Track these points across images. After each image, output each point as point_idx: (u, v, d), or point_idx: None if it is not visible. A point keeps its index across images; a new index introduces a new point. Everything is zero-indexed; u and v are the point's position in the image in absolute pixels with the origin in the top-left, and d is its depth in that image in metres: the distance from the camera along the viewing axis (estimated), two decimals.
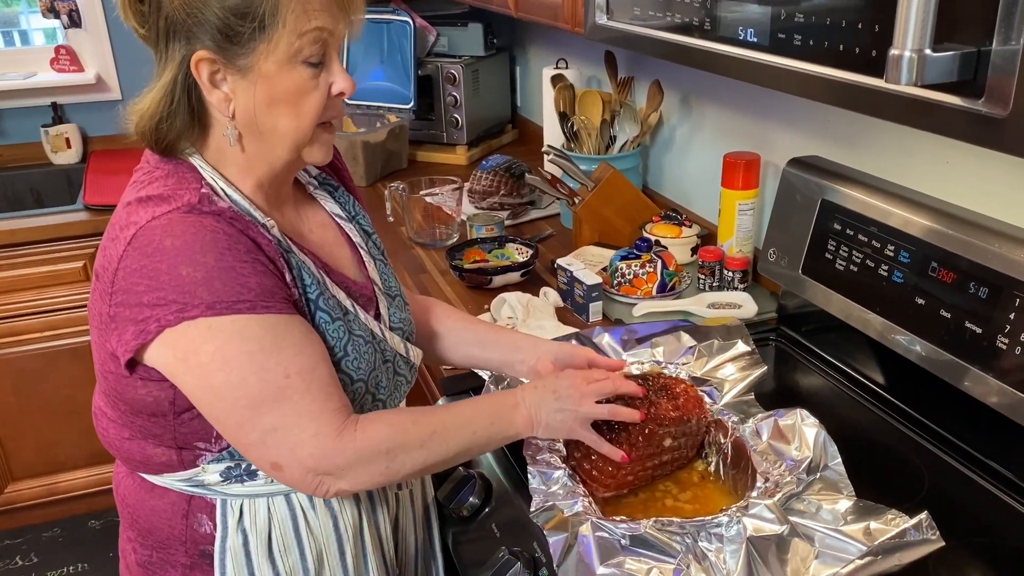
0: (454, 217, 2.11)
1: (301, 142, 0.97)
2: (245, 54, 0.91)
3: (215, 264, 0.87)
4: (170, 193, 0.91)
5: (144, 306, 0.87)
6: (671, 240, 1.83)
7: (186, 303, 0.86)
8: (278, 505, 1.02)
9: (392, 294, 1.15)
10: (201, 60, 0.90)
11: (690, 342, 1.34)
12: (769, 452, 1.09)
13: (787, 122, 1.64)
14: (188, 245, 0.87)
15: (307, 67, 0.93)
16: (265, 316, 0.90)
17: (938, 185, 1.29)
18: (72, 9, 2.90)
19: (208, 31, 0.89)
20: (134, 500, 1.06)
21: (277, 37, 0.90)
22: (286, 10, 0.89)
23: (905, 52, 0.70)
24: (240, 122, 0.95)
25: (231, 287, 0.87)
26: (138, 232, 0.88)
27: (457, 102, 2.76)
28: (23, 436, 2.63)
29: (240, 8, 0.88)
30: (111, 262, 0.91)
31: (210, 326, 0.87)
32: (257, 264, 0.90)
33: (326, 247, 1.09)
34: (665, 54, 1.20)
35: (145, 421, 0.98)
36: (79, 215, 2.52)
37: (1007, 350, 1.08)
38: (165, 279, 0.86)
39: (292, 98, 0.94)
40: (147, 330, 0.88)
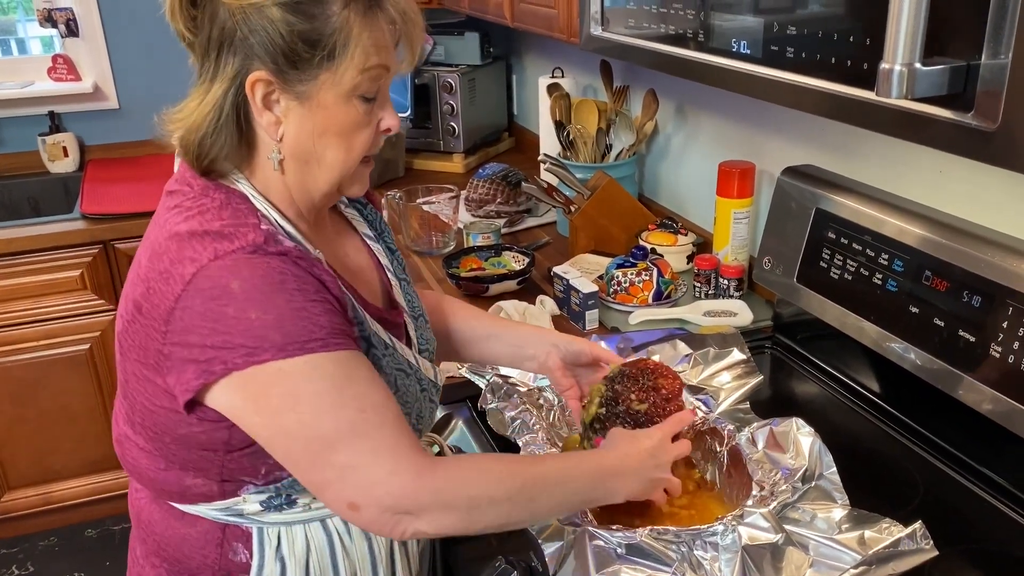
0: (451, 225, 2.11)
1: (345, 175, 0.95)
2: (306, 80, 0.88)
3: (285, 306, 0.84)
4: (231, 230, 0.87)
5: (208, 347, 0.84)
6: (667, 248, 1.84)
7: (255, 347, 0.83)
8: (315, 531, 0.99)
9: (416, 314, 1.13)
10: (258, 81, 0.87)
11: (686, 350, 1.35)
12: (764, 461, 1.09)
13: (782, 131, 1.65)
14: (257, 288, 0.83)
15: (362, 102, 0.91)
16: (337, 353, 0.86)
17: (931, 194, 1.30)
18: (69, 18, 2.91)
19: (269, 51, 0.86)
20: (162, 528, 1.02)
21: (343, 70, 0.88)
22: (356, 45, 0.87)
23: (895, 66, 0.71)
24: (287, 147, 0.92)
25: (303, 327, 0.84)
26: (199, 272, 0.84)
27: (454, 110, 2.77)
28: (19, 445, 2.62)
29: (311, 36, 0.86)
30: (164, 300, 0.86)
31: (280, 368, 0.84)
32: (325, 303, 0.87)
33: (361, 275, 1.07)
34: (659, 65, 1.21)
35: (193, 455, 0.94)
36: (76, 224, 2.53)
37: (1000, 358, 1.08)
38: (232, 323, 0.83)
39: (345, 131, 0.92)
40: (212, 371, 0.84)
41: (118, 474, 2.75)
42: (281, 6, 0.85)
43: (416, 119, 2.81)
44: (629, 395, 1.10)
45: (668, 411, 1.08)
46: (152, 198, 2.64)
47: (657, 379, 1.11)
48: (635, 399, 1.09)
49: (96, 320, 2.58)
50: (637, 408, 1.09)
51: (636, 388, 1.10)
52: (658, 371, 1.12)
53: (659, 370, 1.13)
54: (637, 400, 1.09)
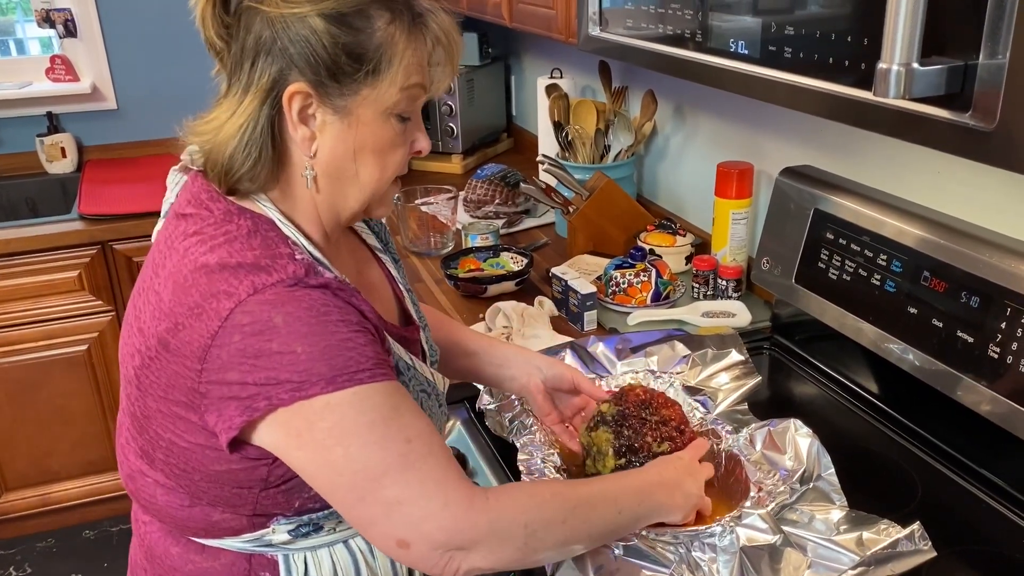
0: (449, 226, 2.11)
1: (377, 195, 0.93)
2: (346, 95, 0.85)
3: (331, 338, 0.81)
4: (268, 262, 0.83)
5: (250, 384, 0.80)
6: (665, 249, 1.84)
7: (302, 381, 0.80)
8: (339, 553, 0.97)
9: (423, 324, 1.12)
10: (297, 93, 0.84)
11: (684, 351, 1.35)
12: (763, 462, 1.09)
13: (780, 132, 1.65)
14: (302, 321, 0.80)
15: (399, 121, 0.90)
16: (383, 384, 0.84)
17: (930, 195, 1.30)
18: (68, 19, 2.91)
19: (311, 63, 0.83)
20: (181, 562, 0.97)
21: (385, 86, 0.86)
22: (399, 61, 0.86)
23: (893, 66, 0.71)
24: (320, 164, 0.89)
25: (350, 359, 0.82)
26: (237, 307, 0.80)
27: (452, 111, 2.77)
28: (16, 446, 2.62)
29: (355, 49, 0.84)
30: (198, 337, 0.82)
31: (328, 402, 0.81)
32: (368, 333, 0.85)
33: (376, 292, 1.05)
34: (658, 66, 1.21)
35: (225, 491, 0.90)
36: (74, 224, 2.52)
37: (998, 359, 1.08)
38: (277, 359, 0.79)
39: (381, 149, 0.90)
40: (255, 407, 0.81)
41: (116, 476, 2.74)
42: (325, 17, 0.82)
43: None
44: (645, 439, 1.07)
45: (686, 441, 1.07)
46: (150, 199, 2.64)
47: (660, 410, 1.09)
48: (653, 441, 1.06)
49: (94, 321, 2.57)
50: (659, 451, 1.06)
51: (648, 429, 1.07)
52: (656, 402, 1.10)
53: (656, 401, 1.11)
54: (655, 442, 1.06)
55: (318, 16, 0.82)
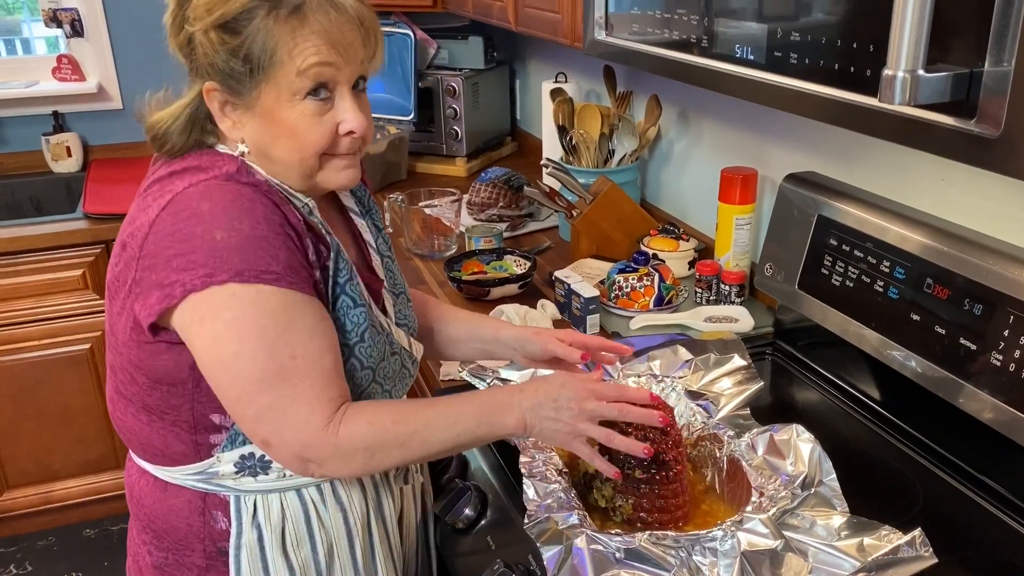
0: (453, 229, 2.11)
1: (307, 171, 0.99)
2: (247, 92, 0.94)
3: (250, 232, 0.89)
4: (207, 164, 0.94)
5: (172, 269, 0.89)
6: (668, 254, 1.84)
7: (216, 267, 0.88)
8: (290, 500, 1.04)
9: (397, 292, 1.17)
10: (211, 90, 0.95)
11: (687, 356, 1.35)
12: (764, 467, 1.09)
13: (784, 138, 1.65)
14: (225, 210, 0.89)
15: (313, 102, 0.95)
16: (287, 291, 0.91)
17: (933, 202, 1.30)
18: (74, 19, 2.91)
19: (213, 72, 0.93)
20: (150, 501, 1.07)
21: (279, 76, 0.92)
22: (283, 50, 0.91)
23: (899, 72, 0.71)
24: (251, 146, 0.98)
25: (262, 257, 0.89)
26: (174, 199, 0.91)
27: (457, 114, 2.77)
28: (19, 444, 2.62)
29: (241, 51, 0.91)
30: (140, 229, 0.92)
31: (234, 293, 0.89)
32: (288, 238, 0.92)
33: (343, 239, 1.10)
34: (663, 70, 1.21)
35: (163, 393, 0.99)
36: (79, 223, 2.53)
37: (1001, 367, 1.08)
38: (198, 243, 0.88)
39: (293, 131, 0.95)
40: (172, 294, 0.89)
41: (117, 474, 2.75)
42: (216, 27, 0.91)
43: (419, 122, 2.81)
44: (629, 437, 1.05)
45: (669, 443, 1.05)
46: None
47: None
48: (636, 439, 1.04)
49: (97, 320, 2.58)
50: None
51: (633, 429, 1.05)
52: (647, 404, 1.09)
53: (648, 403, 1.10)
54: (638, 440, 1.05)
55: (212, 28, 0.91)
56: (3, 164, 2.99)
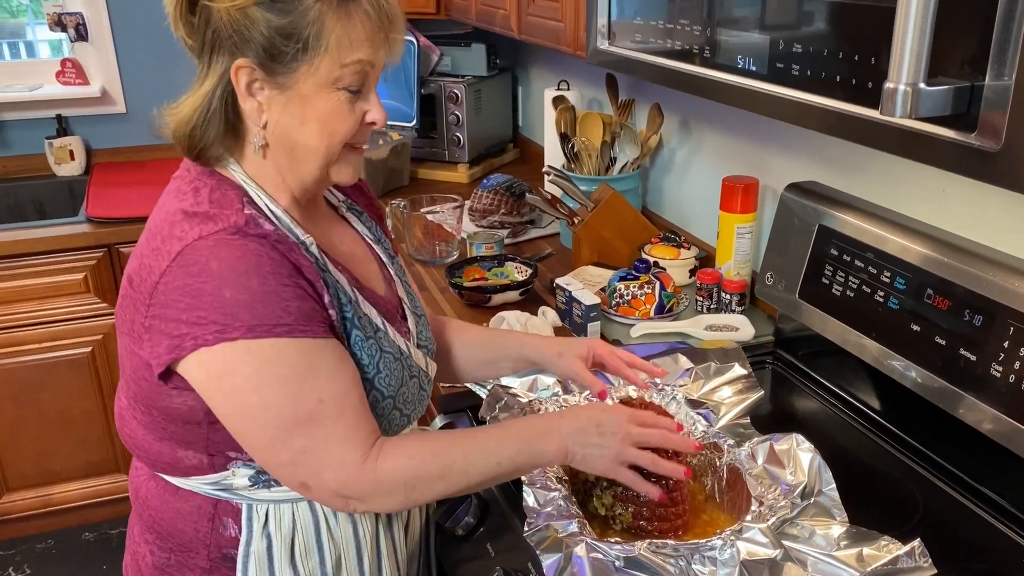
0: (454, 235, 2.12)
1: (329, 160, 1.00)
2: (286, 72, 0.93)
3: (259, 288, 0.89)
4: (216, 212, 0.93)
5: (182, 323, 0.89)
6: (670, 262, 1.84)
7: (227, 324, 0.88)
8: (302, 511, 1.04)
9: (418, 313, 1.18)
10: (241, 68, 0.93)
11: (687, 364, 1.35)
12: (764, 476, 1.09)
13: (785, 147, 1.66)
14: (233, 268, 0.89)
15: (346, 93, 0.96)
16: (302, 340, 0.91)
17: (934, 213, 1.31)
18: (79, 23, 2.93)
19: (252, 47, 0.92)
20: (158, 503, 1.07)
21: (319, 61, 0.93)
22: (330, 36, 0.92)
23: (900, 86, 0.71)
24: (271, 134, 0.98)
25: (272, 311, 0.89)
26: (184, 250, 0.90)
27: (459, 121, 2.78)
28: (19, 447, 2.63)
29: (286, 29, 0.91)
30: (150, 273, 0.92)
31: (248, 348, 0.89)
32: (298, 288, 0.92)
33: (356, 261, 1.11)
34: (665, 80, 1.21)
35: (178, 428, 0.99)
36: (81, 227, 2.53)
37: (1000, 378, 1.09)
38: (208, 300, 0.88)
39: (326, 119, 0.96)
40: (182, 346, 0.89)
41: (117, 477, 2.75)
42: (260, 5, 0.91)
43: (421, 129, 2.82)
44: None
45: (669, 452, 1.05)
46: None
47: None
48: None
49: (98, 323, 2.58)
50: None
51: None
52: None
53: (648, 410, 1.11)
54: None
55: (255, 5, 0.91)
56: (6, 167, 3.00)
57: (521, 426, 1.04)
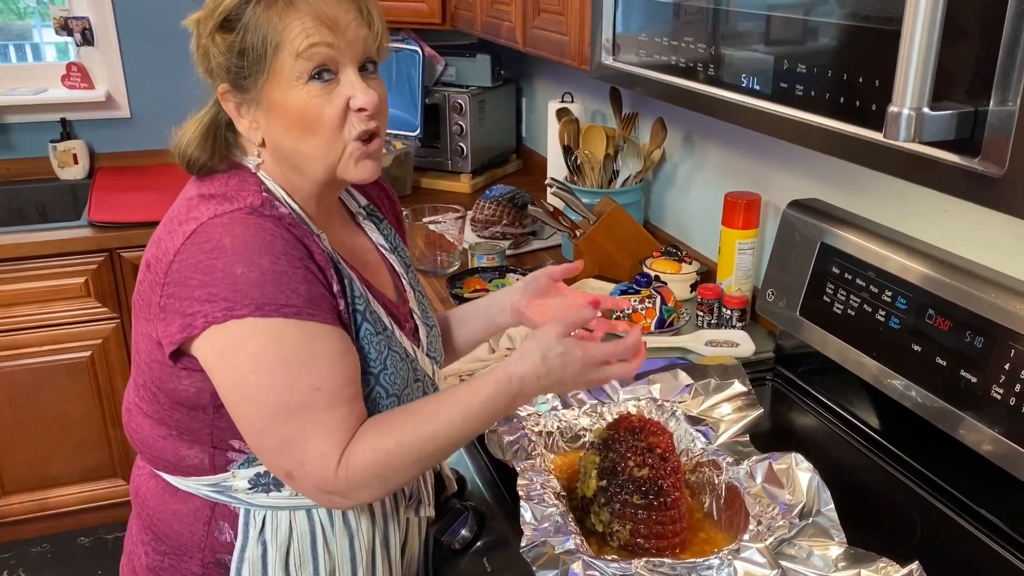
0: (456, 245, 2.12)
1: (330, 161, 0.98)
2: (252, 88, 0.96)
3: (270, 267, 0.89)
4: (233, 193, 0.95)
5: (194, 300, 0.90)
6: (671, 276, 1.84)
7: (236, 301, 0.88)
8: (299, 520, 1.03)
9: (430, 324, 1.18)
10: (224, 92, 0.97)
11: (687, 380, 1.35)
12: (762, 495, 1.09)
13: (788, 164, 1.66)
14: (246, 245, 0.89)
15: (316, 83, 0.94)
16: (308, 323, 0.91)
17: (936, 233, 1.31)
18: (85, 27, 2.93)
19: (221, 72, 0.96)
20: (156, 503, 1.07)
21: (273, 64, 0.94)
22: (277, 37, 0.93)
23: (904, 109, 0.71)
24: (269, 148, 0.99)
25: (281, 291, 0.90)
26: (198, 228, 0.91)
27: (463, 131, 2.79)
28: (16, 450, 2.62)
29: (237, 46, 0.94)
30: (166, 254, 0.93)
31: (255, 326, 0.89)
32: (308, 272, 0.92)
33: (368, 268, 1.11)
34: (668, 96, 1.22)
35: (184, 415, 0.99)
36: (83, 231, 2.54)
37: (1001, 400, 1.08)
38: (219, 276, 0.89)
39: (303, 118, 0.95)
40: (194, 324, 0.90)
41: (113, 482, 2.74)
42: (218, 29, 0.94)
43: (425, 138, 2.82)
44: (627, 463, 1.06)
45: (668, 470, 1.06)
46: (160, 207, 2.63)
47: (648, 438, 1.09)
48: (634, 465, 1.06)
49: (98, 328, 2.58)
50: (639, 475, 1.05)
51: (632, 453, 1.07)
52: (646, 430, 1.11)
53: (647, 428, 1.11)
54: (636, 466, 1.06)
55: (215, 31, 0.94)
56: (10, 170, 3.00)
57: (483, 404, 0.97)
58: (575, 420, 1.28)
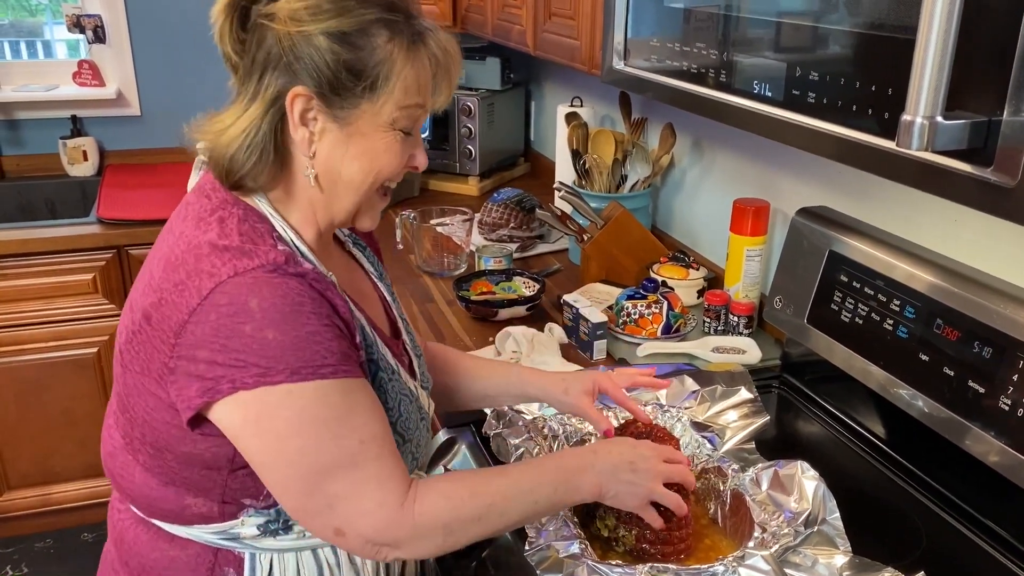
0: (463, 248, 2.12)
1: (366, 198, 0.97)
2: (346, 107, 0.90)
3: (302, 329, 0.85)
4: (251, 248, 0.87)
5: (217, 365, 0.84)
6: (678, 282, 1.84)
7: (269, 367, 0.83)
8: (306, 560, 0.99)
9: (417, 353, 1.16)
10: (298, 96, 0.89)
11: (693, 386, 1.35)
12: (768, 502, 1.09)
13: (797, 172, 1.66)
14: (275, 308, 0.84)
15: (400, 134, 0.94)
16: (344, 380, 0.88)
17: (945, 242, 1.30)
18: (97, 25, 2.95)
19: (314, 77, 0.88)
20: (147, 549, 1.00)
21: (382, 102, 0.91)
22: (397, 79, 0.90)
23: (917, 118, 0.71)
24: (318, 164, 0.94)
25: (317, 352, 0.85)
26: (218, 287, 0.84)
27: (471, 134, 2.79)
28: (21, 445, 2.63)
29: (355, 66, 0.89)
30: (177, 312, 0.86)
31: (290, 391, 0.85)
32: (336, 328, 0.88)
33: (365, 299, 1.08)
34: (679, 102, 1.22)
35: (195, 474, 0.94)
36: (92, 228, 2.54)
37: (1009, 411, 1.08)
38: (248, 341, 0.83)
39: (376, 156, 0.94)
40: (218, 389, 0.84)
41: None
42: (328, 35, 0.88)
43: (434, 140, 2.82)
44: None
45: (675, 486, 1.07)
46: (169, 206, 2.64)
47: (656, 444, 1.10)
48: None
49: (105, 324, 2.59)
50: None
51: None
52: (654, 436, 1.12)
53: (655, 434, 1.12)
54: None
55: (322, 35, 0.88)
56: (20, 166, 3.01)
57: (556, 463, 1.02)
58: (581, 424, 1.27)
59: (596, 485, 1.00)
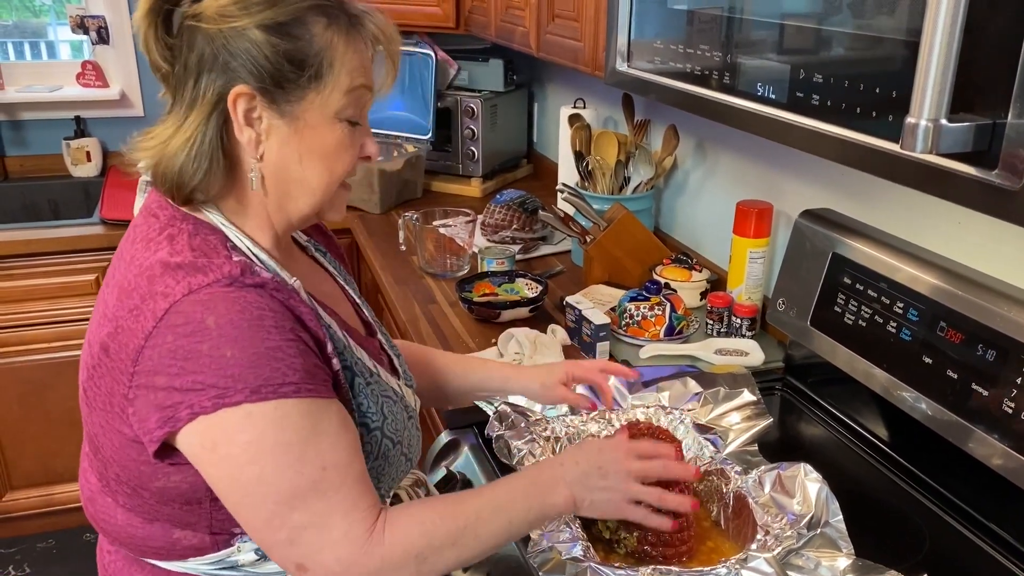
0: (466, 249, 2.12)
1: (323, 199, 0.94)
2: (292, 100, 0.87)
3: (261, 345, 0.80)
4: (204, 262, 0.83)
5: (175, 390, 0.79)
6: (681, 284, 1.84)
7: (227, 388, 0.79)
8: None
9: (396, 352, 1.14)
10: (240, 95, 0.85)
11: (696, 388, 1.35)
12: (771, 505, 1.08)
13: (801, 173, 1.66)
14: (234, 324, 0.79)
15: (347, 125, 0.91)
16: (308, 400, 0.83)
17: (949, 245, 1.30)
18: (101, 26, 2.95)
19: (254, 72, 0.85)
20: None
21: (329, 90, 0.88)
22: (341, 65, 0.88)
23: (921, 121, 0.71)
24: (268, 166, 0.90)
25: (277, 369, 0.81)
26: (172, 307, 0.80)
27: (474, 135, 2.79)
28: (24, 445, 2.63)
29: (296, 56, 0.86)
30: (133, 338, 0.82)
31: (250, 413, 0.80)
32: (301, 343, 0.84)
33: (334, 301, 1.05)
34: (683, 104, 1.22)
35: (176, 509, 0.89)
36: (95, 228, 2.55)
37: (1013, 414, 1.08)
38: (206, 361, 0.78)
39: (328, 153, 0.91)
40: (177, 417, 0.80)
41: None
42: (263, 28, 0.85)
43: (436, 142, 2.83)
44: None
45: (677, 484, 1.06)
46: None
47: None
48: None
49: None
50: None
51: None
52: (655, 437, 1.11)
53: (656, 435, 1.11)
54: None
55: (257, 28, 0.85)
56: (23, 166, 3.02)
57: (526, 481, 0.98)
58: (583, 426, 1.27)
59: (569, 498, 0.96)
